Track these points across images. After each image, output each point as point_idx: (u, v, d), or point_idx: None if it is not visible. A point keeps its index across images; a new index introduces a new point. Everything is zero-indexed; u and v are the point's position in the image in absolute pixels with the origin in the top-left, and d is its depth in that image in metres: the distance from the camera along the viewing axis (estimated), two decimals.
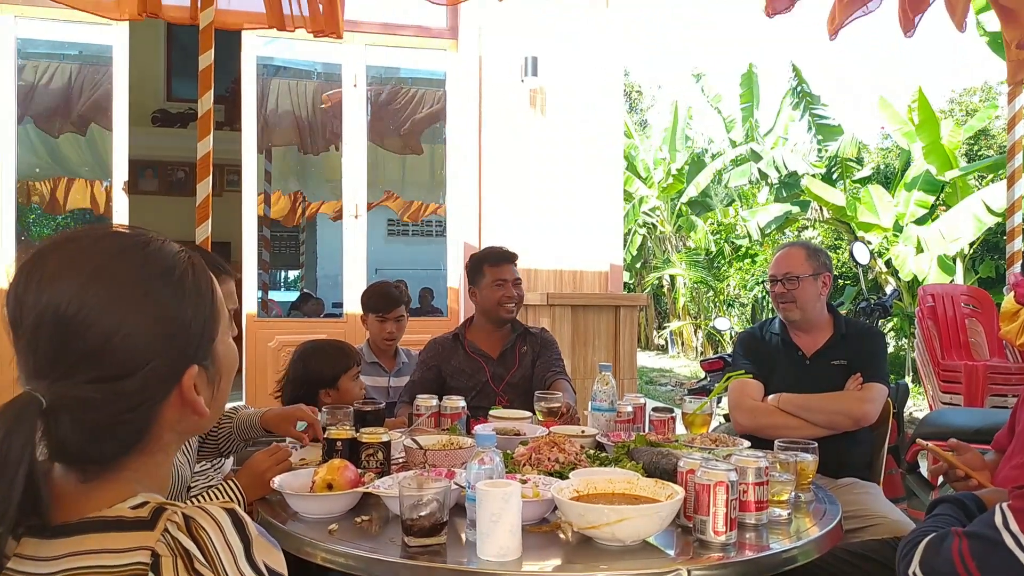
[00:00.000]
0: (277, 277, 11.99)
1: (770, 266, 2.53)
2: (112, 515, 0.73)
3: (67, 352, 0.72)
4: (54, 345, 0.72)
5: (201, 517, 0.72)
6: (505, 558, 1.28)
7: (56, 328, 0.72)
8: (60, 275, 0.74)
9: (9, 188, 5.15)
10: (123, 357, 0.74)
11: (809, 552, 1.46)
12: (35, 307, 0.73)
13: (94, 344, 0.73)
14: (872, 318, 4.09)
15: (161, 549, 0.71)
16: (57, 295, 0.73)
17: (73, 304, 0.72)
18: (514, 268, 2.84)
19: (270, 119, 6.41)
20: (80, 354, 0.73)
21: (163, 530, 0.71)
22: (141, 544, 0.71)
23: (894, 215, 9.33)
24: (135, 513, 0.73)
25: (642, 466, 1.69)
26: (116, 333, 0.73)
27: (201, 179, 3.29)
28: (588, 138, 5.93)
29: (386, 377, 3.12)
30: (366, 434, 1.78)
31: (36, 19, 5.25)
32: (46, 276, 0.74)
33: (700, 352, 12.73)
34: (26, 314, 0.73)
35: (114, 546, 0.71)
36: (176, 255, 0.80)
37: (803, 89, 11.04)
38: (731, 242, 12.88)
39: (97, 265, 0.75)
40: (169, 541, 0.71)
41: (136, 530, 0.72)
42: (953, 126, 9.28)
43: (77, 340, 0.72)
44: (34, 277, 0.74)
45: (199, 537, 0.71)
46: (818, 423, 2.26)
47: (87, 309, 0.73)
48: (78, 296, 0.73)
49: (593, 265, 5.95)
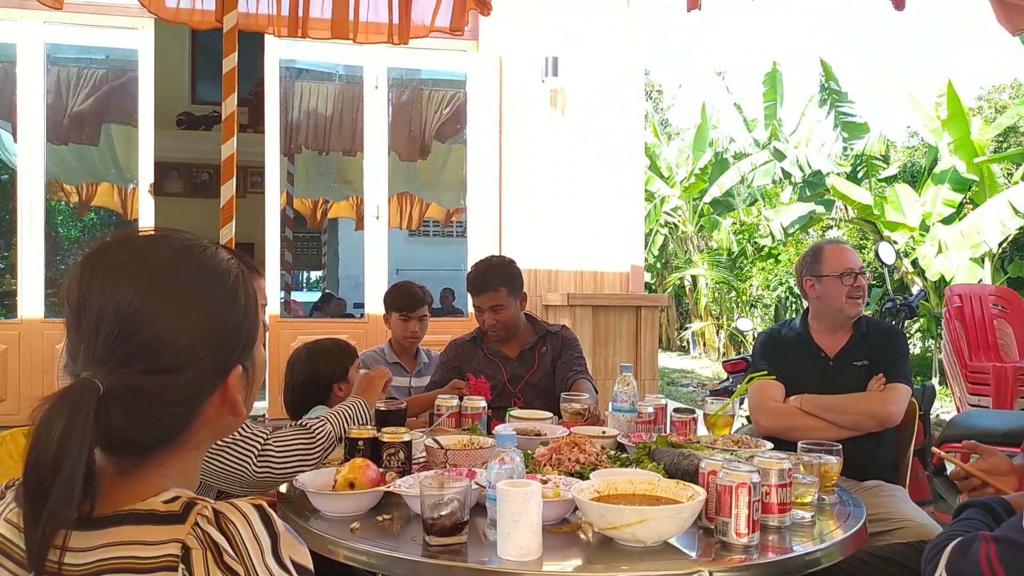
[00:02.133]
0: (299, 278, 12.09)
1: (844, 260, 2.42)
2: (145, 508, 0.75)
3: (127, 344, 0.76)
4: (115, 337, 0.76)
5: (230, 512, 0.75)
6: (526, 558, 1.28)
7: (118, 321, 0.76)
8: (124, 271, 0.78)
9: (39, 189, 5.25)
10: (179, 352, 0.78)
11: (833, 555, 1.44)
12: (98, 300, 0.76)
13: (153, 338, 0.77)
14: (898, 319, 4.04)
15: (191, 542, 0.73)
16: (120, 291, 0.76)
17: (136, 301, 0.76)
18: (493, 296, 2.71)
19: (293, 121, 6.47)
20: (139, 346, 0.76)
21: (193, 524, 0.74)
22: (172, 537, 0.73)
23: (921, 214, 9.19)
24: (167, 507, 0.75)
25: (663, 467, 1.68)
26: (174, 329, 0.78)
27: (225, 181, 3.33)
28: (609, 138, 5.92)
29: (407, 377, 3.13)
30: (387, 434, 1.79)
31: (64, 24, 5.35)
32: (110, 271, 0.78)
33: (722, 353, 12.62)
34: (89, 306, 0.77)
35: (147, 539, 0.73)
36: (227, 261, 0.84)
37: (831, 86, 10.89)
38: (754, 242, 12.76)
39: (159, 265, 0.80)
40: (199, 534, 0.73)
41: (168, 524, 0.74)
42: (982, 123, 9.12)
43: (137, 334, 0.76)
44: (98, 271, 0.78)
45: (228, 531, 0.74)
46: (842, 424, 2.23)
47: (149, 306, 0.77)
48: (140, 293, 0.77)
49: (614, 265, 5.94)
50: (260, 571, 0.73)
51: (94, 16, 5.29)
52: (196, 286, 0.81)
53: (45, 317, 5.24)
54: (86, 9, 5.22)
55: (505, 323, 2.74)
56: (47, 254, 5.35)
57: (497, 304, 2.72)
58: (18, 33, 5.19)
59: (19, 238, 5.23)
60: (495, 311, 2.72)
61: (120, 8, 5.23)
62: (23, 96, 5.22)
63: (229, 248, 1.67)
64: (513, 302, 2.75)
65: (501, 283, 2.73)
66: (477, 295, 2.75)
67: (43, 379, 4.96)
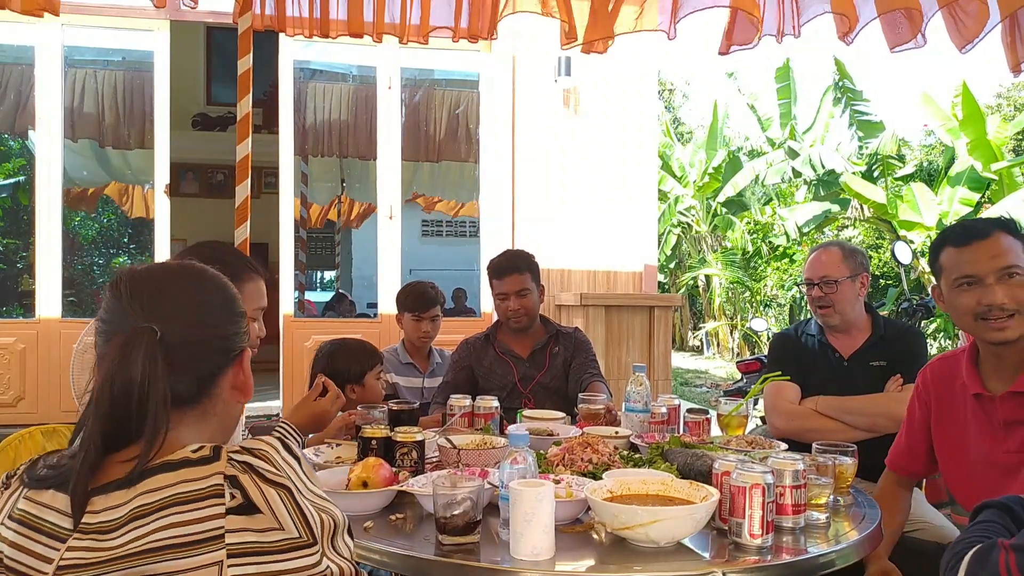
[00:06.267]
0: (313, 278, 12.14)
1: (804, 268, 2.46)
2: (177, 458, 0.82)
3: (165, 304, 0.92)
4: (153, 297, 0.92)
5: (256, 444, 0.86)
6: (538, 557, 1.28)
7: (156, 285, 0.94)
8: (158, 267, 0.99)
9: (56, 190, 5.31)
10: (209, 314, 0.95)
11: (848, 556, 1.43)
12: (141, 274, 0.94)
13: (186, 301, 0.94)
14: (915, 319, 4.00)
15: (234, 470, 0.81)
16: (159, 270, 0.98)
17: (171, 274, 0.97)
18: (519, 279, 2.73)
19: (307, 122, 6.51)
20: (176, 306, 0.92)
21: (228, 459, 0.82)
22: (213, 471, 0.80)
23: (937, 213, 9.10)
24: (198, 454, 0.83)
25: (677, 467, 1.67)
26: (200, 297, 0.96)
27: (240, 181, 3.35)
28: (622, 137, 5.90)
29: (420, 378, 3.14)
30: (400, 433, 1.80)
31: (81, 27, 5.40)
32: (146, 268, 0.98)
33: (736, 353, 12.56)
34: (133, 277, 0.94)
35: (189, 477, 0.80)
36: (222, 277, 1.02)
37: (845, 84, 10.81)
38: (768, 241, 12.69)
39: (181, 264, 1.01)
40: (237, 465, 0.81)
41: (204, 464, 0.81)
42: (1000, 122, 9.03)
43: (171, 298, 0.93)
44: (136, 267, 0.96)
45: (262, 455, 0.84)
46: (858, 426, 2.21)
47: (179, 276, 0.97)
48: (173, 271, 0.98)
49: (627, 265, 5.92)
50: (303, 481, 0.85)
51: (111, 19, 5.35)
52: (209, 281, 0.99)
53: (63, 317, 5.30)
54: (103, 12, 5.27)
55: (529, 309, 2.76)
56: (64, 254, 5.41)
57: (523, 288, 2.74)
58: (36, 36, 5.25)
59: (37, 238, 5.29)
60: (520, 295, 2.74)
61: (136, 10, 5.28)
62: (41, 98, 5.28)
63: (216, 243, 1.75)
64: (535, 289, 2.79)
65: (527, 267, 2.78)
66: (503, 277, 2.76)
67: (61, 378, 5.00)
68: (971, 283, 1.63)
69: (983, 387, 1.68)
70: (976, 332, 1.66)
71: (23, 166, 7.94)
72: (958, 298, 1.65)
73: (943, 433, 1.80)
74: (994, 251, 1.61)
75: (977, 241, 1.63)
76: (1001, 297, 1.59)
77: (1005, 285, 1.60)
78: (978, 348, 1.72)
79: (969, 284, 1.63)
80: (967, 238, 1.65)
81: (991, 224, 1.67)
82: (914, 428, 1.88)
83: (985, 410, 1.68)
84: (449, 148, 6.72)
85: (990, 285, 1.60)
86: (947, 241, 1.69)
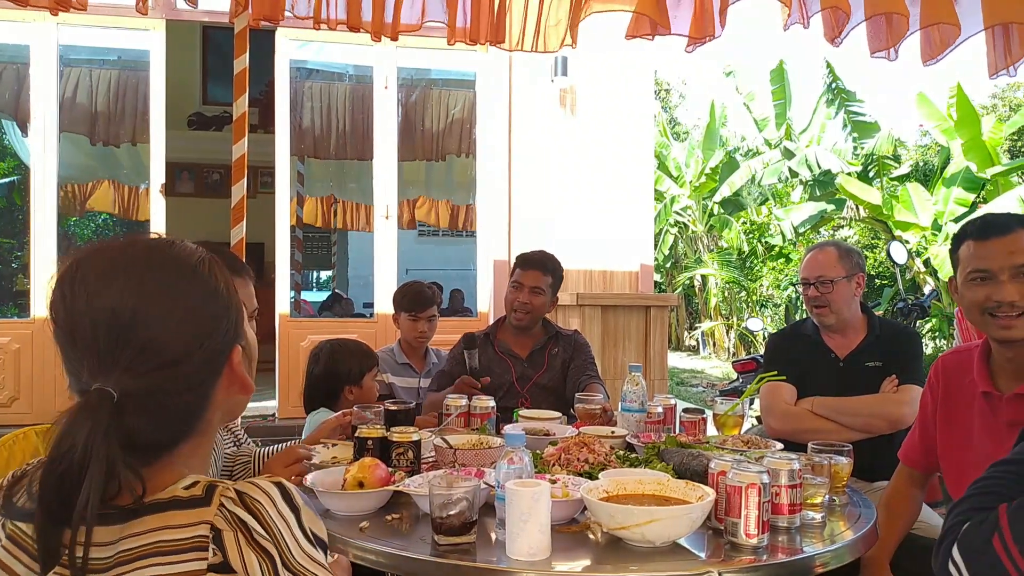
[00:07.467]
0: (309, 277, 12.12)
1: (801, 268, 2.46)
2: (167, 496, 0.77)
3: (127, 346, 0.77)
4: (113, 342, 0.77)
5: (252, 491, 0.77)
6: (534, 557, 1.28)
7: (112, 327, 0.77)
8: (104, 280, 0.79)
9: (51, 190, 5.29)
10: (180, 343, 0.80)
11: (843, 556, 1.44)
12: (88, 312, 0.78)
13: (151, 335, 0.78)
14: (910, 319, 4.02)
15: (220, 523, 0.75)
16: (106, 298, 0.78)
17: (124, 303, 0.78)
18: (540, 276, 2.77)
19: (303, 121, 6.49)
20: (139, 346, 0.78)
21: (219, 505, 0.76)
22: (200, 519, 0.75)
23: (933, 213, 9.13)
24: (189, 492, 0.77)
25: (672, 467, 1.67)
26: (168, 323, 0.79)
27: (236, 181, 3.35)
28: (618, 137, 5.90)
29: (416, 378, 3.14)
30: (396, 433, 1.79)
31: (76, 26, 5.38)
32: (91, 283, 0.79)
33: (732, 353, 12.58)
34: (79, 320, 0.78)
35: (174, 523, 0.75)
36: (196, 250, 0.87)
37: (837, 86, 10.85)
38: (764, 241, 12.71)
39: (136, 268, 0.81)
40: (227, 515, 0.75)
41: (193, 507, 0.76)
42: (995, 122, 9.06)
43: (134, 334, 0.77)
44: (79, 286, 0.79)
45: (255, 509, 0.76)
46: (853, 427, 2.22)
47: (138, 306, 0.78)
48: (126, 296, 0.78)
49: (623, 265, 5.92)
50: (291, 546, 0.76)
51: (106, 18, 5.33)
52: (177, 277, 0.83)
53: None
54: (98, 11, 5.25)
55: (534, 308, 2.77)
56: (60, 254, 5.39)
57: (538, 287, 2.77)
58: (32, 35, 5.23)
59: (32, 238, 5.28)
60: (533, 292, 2.76)
61: (132, 9, 5.25)
62: (36, 97, 5.26)
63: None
64: (549, 295, 2.80)
65: (551, 271, 2.81)
66: (526, 270, 2.79)
67: (56, 378, 4.99)
68: (984, 278, 1.62)
69: (992, 385, 1.66)
70: (983, 327, 1.65)
71: (18, 165, 7.91)
72: (969, 291, 1.64)
73: (948, 428, 1.79)
74: (1012, 247, 1.59)
75: (996, 236, 1.61)
76: (1012, 294, 1.58)
77: (1017, 283, 1.58)
78: (990, 345, 1.70)
79: (982, 279, 1.62)
80: (987, 232, 1.63)
81: (1014, 220, 1.65)
82: (927, 419, 1.85)
83: (992, 409, 1.67)
84: (445, 147, 6.71)
85: (1003, 282, 1.59)
86: (968, 234, 1.67)
